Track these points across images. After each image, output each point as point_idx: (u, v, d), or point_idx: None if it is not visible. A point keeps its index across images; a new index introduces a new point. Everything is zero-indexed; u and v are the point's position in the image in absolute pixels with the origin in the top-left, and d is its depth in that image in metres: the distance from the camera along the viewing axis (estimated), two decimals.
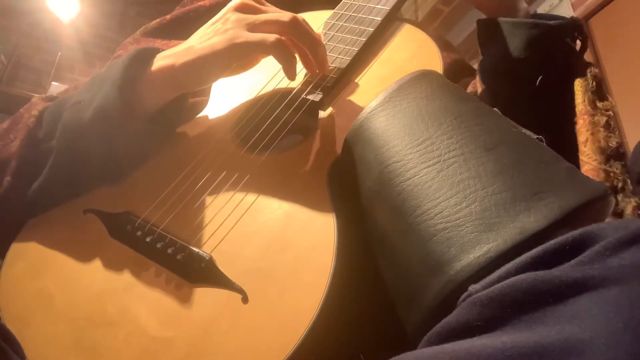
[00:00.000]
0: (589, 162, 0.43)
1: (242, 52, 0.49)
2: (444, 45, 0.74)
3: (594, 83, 0.47)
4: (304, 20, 0.52)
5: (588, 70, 0.49)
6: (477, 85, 0.57)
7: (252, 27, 0.50)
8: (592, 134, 0.44)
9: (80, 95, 0.53)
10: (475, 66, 0.66)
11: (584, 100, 0.46)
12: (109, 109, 0.49)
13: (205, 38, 0.51)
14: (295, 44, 0.52)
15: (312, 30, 0.52)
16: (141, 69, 0.51)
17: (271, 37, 0.48)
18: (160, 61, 0.51)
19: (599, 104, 0.46)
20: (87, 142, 0.51)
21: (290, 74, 0.51)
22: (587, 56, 0.51)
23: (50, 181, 0.51)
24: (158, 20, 0.71)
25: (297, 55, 0.52)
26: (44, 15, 3.19)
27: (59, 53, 3.15)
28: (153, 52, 0.53)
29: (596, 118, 0.45)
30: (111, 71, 0.52)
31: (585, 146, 0.44)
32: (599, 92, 0.47)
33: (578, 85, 0.47)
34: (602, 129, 0.44)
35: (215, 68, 0.51)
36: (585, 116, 0.45)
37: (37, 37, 3.18)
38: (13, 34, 3.09)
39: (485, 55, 0.57)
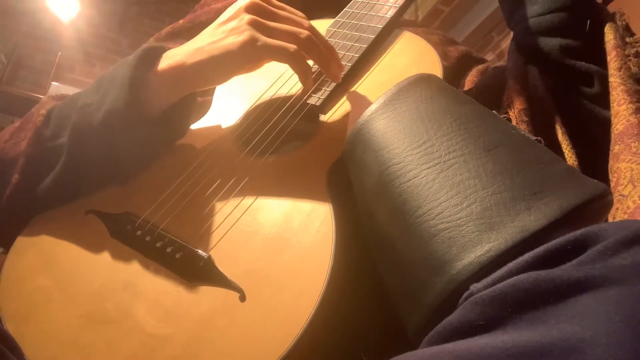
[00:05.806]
0: (622, 84, 0.46)
1: (259, 56, 0.49)
2: (449, 41, 0.74)
3: (624, 23, 0.51)
4: (318, 36, 0.52)
5: (616, 16, 0.52)
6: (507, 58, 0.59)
7: (269, 33, 0.49)
8: (624, 62, 0.48)
9: (89, 96, 0.53)
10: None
11: (615, 37, 0.49)
12: (118, 114, 0.49)
13: (216, 37, 0.49)
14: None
15: (326, 44, 0.53)
16: (149, 68, 0.51)
17: (291, 47, 0.48)
18: (168, 60, 0.51)
19: (629, 39, 0.49)
20: (96, 144, 0.51)
21: (307, 83, 0.51)
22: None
23: (61, 179, 0.52)
24: (171, 25, 0.72)
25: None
26: (44, 15, 3.19)
27: (59, 53, 3.15)
28: (160, 51, 0.52)
29: (627, 50, 0.48)
30: (119, 72, 0.51)
31: (615, 76, 0.47)
32: (628, 30, 0.51)
33: (608, 28, 0.51)
34: (632, 58, 0.47)
35: (229, 68, 0.50)
36: (618, 49, 0.48)
37: (37, 37, 3.18)
38: (13, 34, 3.09)
39: (516, 20, 0.58)
